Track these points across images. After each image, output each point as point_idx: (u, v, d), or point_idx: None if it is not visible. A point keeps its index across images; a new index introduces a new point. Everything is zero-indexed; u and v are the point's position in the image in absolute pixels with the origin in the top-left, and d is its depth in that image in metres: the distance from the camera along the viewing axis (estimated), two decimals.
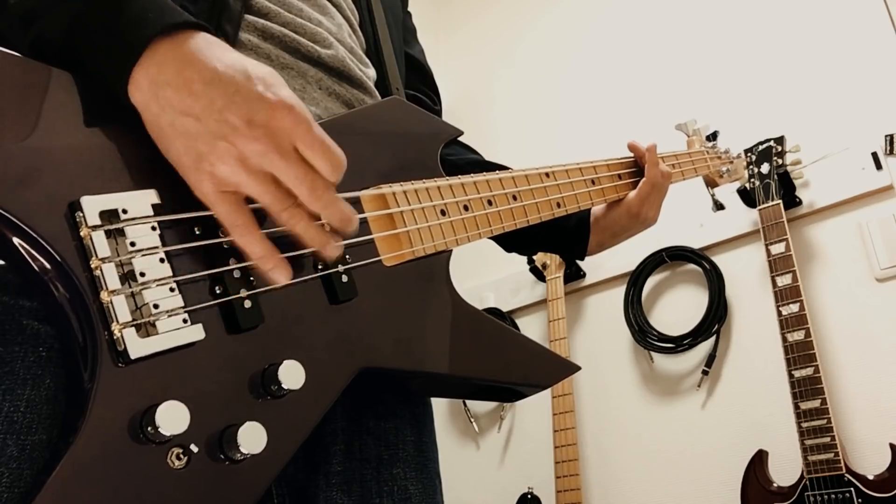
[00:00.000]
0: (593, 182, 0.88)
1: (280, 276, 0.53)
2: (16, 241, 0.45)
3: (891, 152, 1.73)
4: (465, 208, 0.70)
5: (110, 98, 0.50)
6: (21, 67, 0.48)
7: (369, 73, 0.79)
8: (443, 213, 0.68)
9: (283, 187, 0.52)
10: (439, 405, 2.33)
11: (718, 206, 1.25)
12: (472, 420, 2.26)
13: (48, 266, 0.46)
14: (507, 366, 0.69)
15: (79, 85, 0.50)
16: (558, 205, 0.82)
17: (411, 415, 0.73)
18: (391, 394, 0.71)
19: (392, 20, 0.87)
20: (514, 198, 0.76)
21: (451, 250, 0.68)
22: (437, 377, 0.65)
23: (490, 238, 0.98)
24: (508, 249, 1.01)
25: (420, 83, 0.96)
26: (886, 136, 1.74)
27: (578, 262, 2.09)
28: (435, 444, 0.76)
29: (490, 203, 0.73)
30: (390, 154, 0.67)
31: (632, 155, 0.99)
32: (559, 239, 0.98)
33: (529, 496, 2.00)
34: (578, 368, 0.75)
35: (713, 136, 1.20)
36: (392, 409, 0.71)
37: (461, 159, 0.95)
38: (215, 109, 0.49)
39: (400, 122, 0.70)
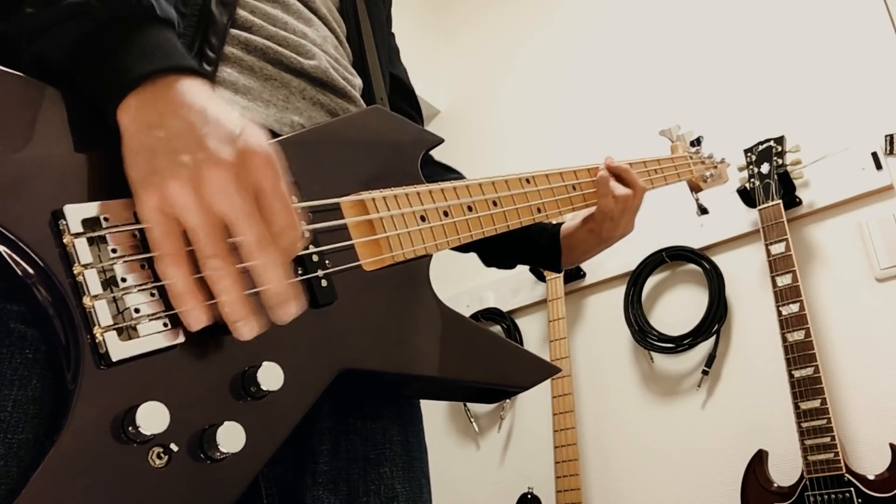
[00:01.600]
0: (574, 187, 0.89)
1: (194, 320, 0.49)
2: (1, 248, 0.47)
3: (891, 152, 1.72)
4: (445, 214, 0.71)
5: (97, 115, 0.52)
6: (9, 82, 0.49)
7: (355, 83, 0.80)
8: (422, 218, 0.69)
9: (224, 239, 0.49)
10: (439, 405, 2.34)
11: (702, 211, 1.26)
12: (472, 420, 2.26)
13: (32, 272, 0.47)
14: (488, 367, 0.70)
15: (67, 102, 0.51)
16: (538, 210, 0.82)
17: (398, 415, 0.73)
18: (378, 395, 0.72)
19: (379, 35, 0.88)
20: (495, 203, 0.77)
21: (431, 255, 0.69)
22: (418, 379, 0.66)
23: (471, 251, 0.99)
24: (488, 264, 1.02)
25: (404, 102, 0.98)
26: (886, 136, 1.73)
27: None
28: (423, 443, 0.76)
29: (470, 209, 0.74)
30: (371, 161, 0.68)
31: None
32: (533, 256, 0.98)
33: (529, 496, 2.00)
34: (558, 370, 0.75)
35: (697, 142, 1.22)
36: (379, 409, 0.72)
37: (442, 181, 0.97)
38: (191, 132, 0.49)
39: (381, 129, 0.71)
